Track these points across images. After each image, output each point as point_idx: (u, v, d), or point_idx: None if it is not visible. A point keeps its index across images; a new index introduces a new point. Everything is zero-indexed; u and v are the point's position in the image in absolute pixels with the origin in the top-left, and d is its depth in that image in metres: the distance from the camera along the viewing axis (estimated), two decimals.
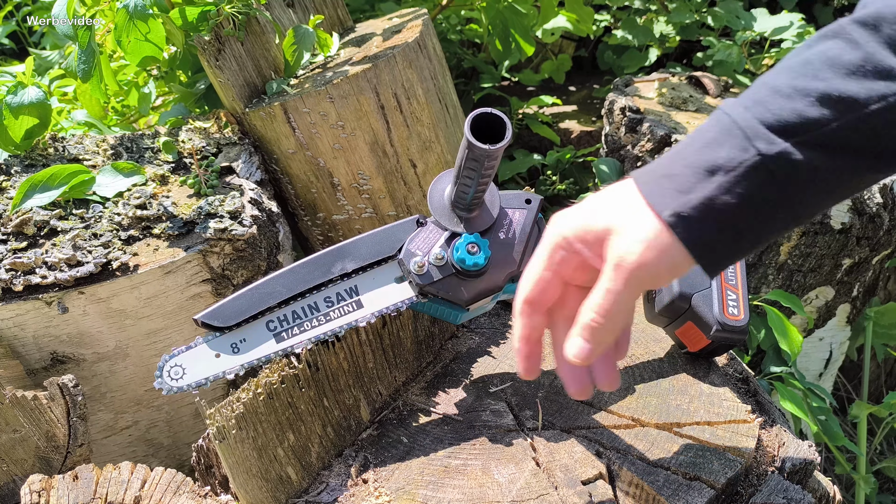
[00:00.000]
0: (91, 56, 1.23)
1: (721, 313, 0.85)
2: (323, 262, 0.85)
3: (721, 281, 0.87)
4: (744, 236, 0.62)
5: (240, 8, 1.33)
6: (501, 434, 0.86)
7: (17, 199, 1.13)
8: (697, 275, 0.82)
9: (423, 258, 0.84)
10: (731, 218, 0.61)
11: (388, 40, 1.43)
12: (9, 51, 2.85)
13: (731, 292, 0.87)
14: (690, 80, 1.77)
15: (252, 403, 0.76)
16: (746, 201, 0.60)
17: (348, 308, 0.85)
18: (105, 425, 1.16)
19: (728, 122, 0.62)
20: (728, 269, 0.86)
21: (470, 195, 0.83)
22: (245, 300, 0.82)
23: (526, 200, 0.89)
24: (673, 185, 0.62)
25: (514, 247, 0.87)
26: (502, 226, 0.88)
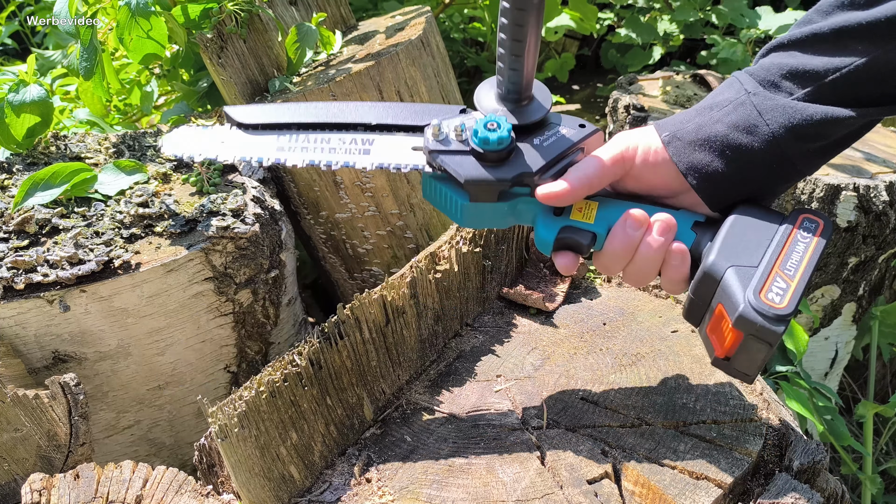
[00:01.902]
0: (93, 54, 1.23)
1: (756, 294, 0.70)
2: (359, 109, 0.83)
3: (774, 264, 0.73)
4: (730, 162, 0.75)
5: (242, 5, 1.33)
6: (506, 433, 0.85)
7: (19, 198, 1.13)
8: (744, 249, 0.73)
9: (444, 126, 0.80)
10: (718, 144, 0.74)
11: (391, 38, 1.42)
12: (11, 51, 2.86)
13: (781, 279, 0.72)
14: (695, 79, 1.76)
15: (254, 402, 0.76)
16: (732, 128, 0.74)
17: (355, 151, 0.82)
18: (107, 424, 1.16)
19: (732, 79, 0.78)
20: (791, 256, 0.73)
21: (511, 66, 0.75)
22: (273, 111, 0.84)
23: (580, 125, 0.82)
24: (679, 118, 0.78)
25: (540, 154, 0.79)
26: (541, 133, 0.81)
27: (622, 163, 0.78)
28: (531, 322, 1.06)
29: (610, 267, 0.79)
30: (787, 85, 0.74)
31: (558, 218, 0.80)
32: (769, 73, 0.75)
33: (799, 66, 0.73)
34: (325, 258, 1.52)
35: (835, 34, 0.72)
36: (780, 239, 0.74)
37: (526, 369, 0.96)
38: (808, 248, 0.74)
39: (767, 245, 0.74)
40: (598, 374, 0.94)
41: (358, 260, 1.49)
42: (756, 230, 0.75)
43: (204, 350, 1.17)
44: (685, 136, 0.76)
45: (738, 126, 0.74)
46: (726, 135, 0.74)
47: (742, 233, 0.75)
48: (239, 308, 1.18)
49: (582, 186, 0.77)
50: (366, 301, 0.87)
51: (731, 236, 0.75)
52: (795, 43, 0.75)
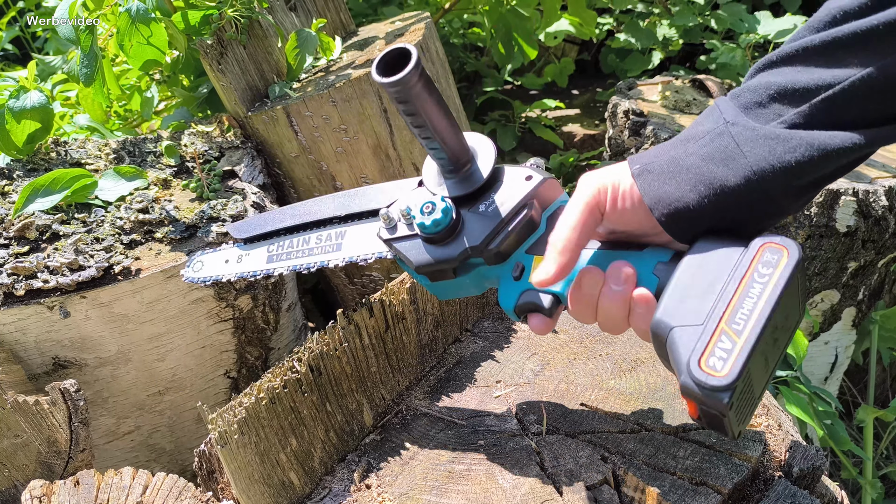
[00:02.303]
0: (93, 60, 1.23)
1: (696, 362, 0.61)
2: (329, 204, 0.87)
3: (719, 321, 0.63)
4: (702, 197, 0.67)
5: (242, 12, 1.33)
6: (506, 439, 0.85)
7: (20, 204, 1.13)
8: (691, 300, 0.65)
9: (395, 211, 0.80)
10: (691, 175, 0.67)
11: (391, 44, 1.43)
12: (12, 56, 2.86)
13: (726, 338, 0.62)
14: (694, 83, 1.76)
15: (254, 408, 0.76)
16: (707, 161, 0.67)
17: (328, 249, 0.86)
18: (107, 430, 1.16)
19: (713, 107, 0.71)
20: (742, 305, 0.62)
21: (428, 147, 0.74)
22: (261, 222, 0.92)
23: (526, 177, 0.77)
24: (653, 151, 0.72)
25: (485, 223, 0.76)
26: (486, 197, 0.77)
27: (596, 211, 0.72)
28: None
29: (582, 319, 0.74)
30: (776, 107, 0.67)
31: (517, 283, 0.76)
32: (755, 95, 0.68)
33: (788, 85, 0.66)
34: None
35: (827, 46, 0.65)
36: (734, 282, 0.64)
37: (525, 375, 0.96)
38: (764, 291, 0.63)
39: (719, 292, 0.64)
40: (597, 379, 0.94)
41: (357, 265, 1.49)
42: (708, 272, 0.66)
43: (204, 356, 1.17)
44: (656, 168, 0.69)
45: (712, 158, 0.67)
46: (699, 167, 0.67)
47: (692, 279, 0.66)
48: (239, 314, 1.18)
49: (566, 261, 0.71)
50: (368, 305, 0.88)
51: (679, 286, 0.66)
52: (785, 59, 0.68)
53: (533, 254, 0.76)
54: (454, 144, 0.75)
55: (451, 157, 0.76)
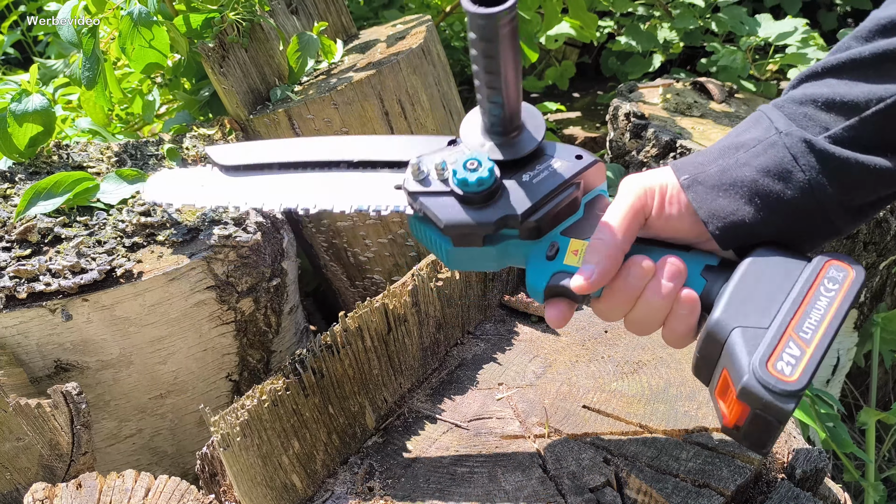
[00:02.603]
0: (95, 63, 1.23)
1: (762, 363, 0.61)
2: (341, 144, 0.78)
3: (788, 325, 0.63)
4: (756, 210, 0.66)
5: (244, 15, 1.33)
6: (508, 441, 0.85)
7: (22, 207, 1.13)
8: (755, 304, 0.64)
9: (427, 164, 0.73)
10: (744, 189, 0.66)
11: (392, 47, 1.43)
12: (14, 60, 2.87)
13: (794, 345, 0.61)
14: (695, 86, 1.76)
15: (256, 411, 0.76)
16: (761, 173, 0.65)
17: (335, 192, 0.77)
18: (109, 433, 1.16)
19: (759, 115, 0.69)
20: (809, 315, 0.62)
21: (490, 99, 0.68)
22: (254, 150, 0.80)
23: (577, 156, 0.72)
24: (699, 158, 0.70)
25: (528, 193, 0.70)
26: (532, 167, 0.72)
27: (641, 216, 0.70)
28: (533, 330, 1.06)
29: (609, 315, 0.71)
30: (822, 118, 0.65)
31: (550, 262, 0.72)
32: (801, 107, 0.66)
33: (835, 97, 0.64)
34: (327, 266, 1.53)
35: (877, 58, 0.63)
36: (800, 292, 0.64)
37: (528, 377, 0.96)
38: (831, 305, 0.62)
39: (783, 300, 0.64)
40: (599, 381, 0.94)
41: (359, 268, 1.49)
42: (772, 279, 0.65)
43: (206, 359, 1.17)
44: (707, 179, 0.67)
45: (768, 171, 0.65)
46: (755, 180, 0.65)
47: (755, 283, 0.65)
48: (241, 316, 1.18)
49: (609, 268, 0.68)
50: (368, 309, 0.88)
51: (742, 288, 0.65)
52: (831, 70, 0.66)
53: (569, 236, 0.72)
54: (514, 103, 0.69)
55: (507, 115, 0.70)
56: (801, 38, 1.83)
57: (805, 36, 1.83)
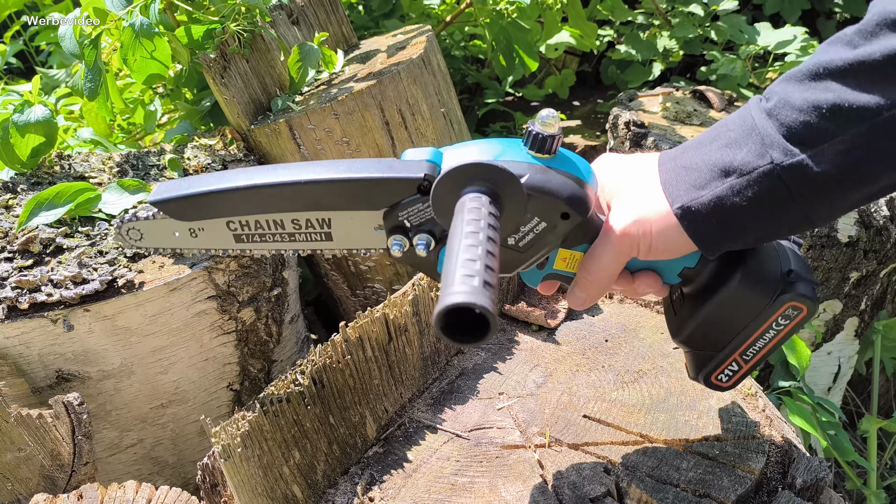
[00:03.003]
0: (97, 75, 1.24)
1: (707, 375, 0.78)
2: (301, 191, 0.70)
3: (735, 353, 0.77)
4: (748, 233, 0.68)
5: (245, 26, 1.34)
6: (508, 451, 0.85)
7: (24, 217, 1.13)
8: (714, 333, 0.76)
9: (406, 240, 0.70)
10: (738, 217, 0.66)
11: (393, 57, 1.44)
12: (16, 70, 2.88)
13: (736, 364, 0.77)
14: (694, 94, 1.77)
15: (257, 421, 0.76)
16: (755, 204, 0.64)
17: (316, 237, 0.74)
18: (110, 443, 1.16)
19: (751, 124, 0.65)
20: (755, 344, 0.75)
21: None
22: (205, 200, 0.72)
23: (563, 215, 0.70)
24: (690, 178, 0.67)
25: (517, 257, 0.72)
26: (517, 230, 0.71)
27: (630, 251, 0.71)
28: (533, 339, 1.06)
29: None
30: (828, 127, 0.60)
31: (541, 270, 0.76)
32: (801, 115, 0.61)
33: (843, 103, 0.59)
34: (328, 275, 1.53)
35: (890, 60, 0.57)
36: (752, 328, 0.74)
37: (528, 387, 0.96)
38: (775, 337, 0.74)
39: (737, 332, 0.74)
40: (600, 391, 0.94)
41: (360, 277, 1.49)
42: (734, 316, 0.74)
43: (207, 368, 1.18)
44: (701, 208, 0.66)
45: (761, 204, 0.64)
46: (750, 215, 0.65)
47: (720, 318, 0.74)
48: (242, 326, 1.18)
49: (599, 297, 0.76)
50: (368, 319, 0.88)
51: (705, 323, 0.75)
52: (834, 73, 0.60)
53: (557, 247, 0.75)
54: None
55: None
56: (801, 46, 1.84)
57: (804, 44, 1.84)
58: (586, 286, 0.74)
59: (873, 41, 0.58)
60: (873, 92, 0.58)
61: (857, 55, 0.59)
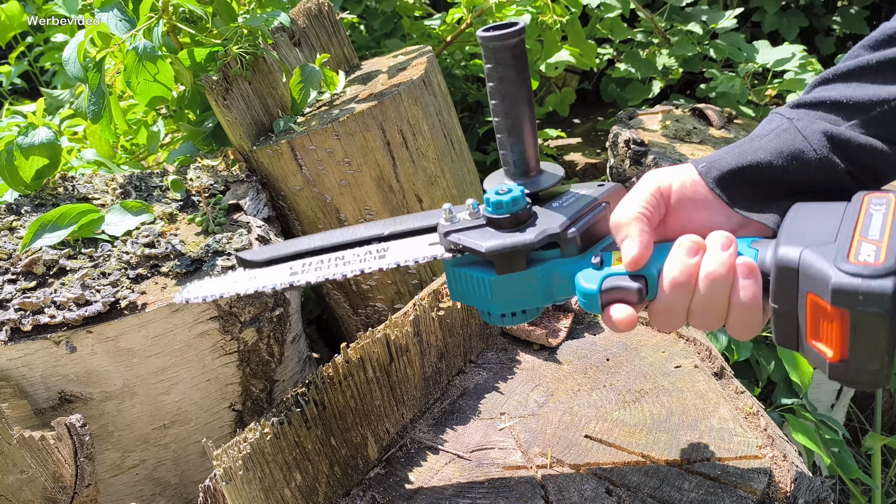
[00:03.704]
0: (101, 98, 1.25)
1: (843, 259, 0.58)
2: (370, 226, 0.82)
3: (854, 233, 0.61)
4: (774, 187, 0.70)
5: (247, 48, 1.36)
6: (510, 472, 0.85)
7: (27, 239, 1.14)
8: (814, 231, 0.63)
9: (455, 209, 0.76)
10: (760, 170, 0.70)
11: (394, 78, 1.45)
12: (21, 90, 2.91)
13: (867, 245, 0.59)
14: (694, 112, 1.78)
15: (259, 444, 0.76)
16: (775, 156, 0.69)
17: (370, 258, 0.79)
18: (112, 464, 1.16)
19: (772, 114, 0.75)
20: (870, 224, 0.61)
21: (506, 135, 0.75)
22: (281, 247, 0.85)
23: (599, 184, 0.79)
24: (718, 151, 0.74)
25: (562, 213, 0.74)
26: (558, 198, 0.77)
27: (658, 195, 0.71)
28: (535, 358, 1.07)
29: (671, 311, 0.68)
30: (830, 118, 0.70)
31: (599, 270, 0.70)
32: (811, 108, 0.72)
33: (842, 99, 0.70)
34: (330, 294, 1.53)
35: (884, 65, 0.69)
36: (852, 213, 0.64)
37: (530, 406, 0.96)
38: (888, 213, 0.62)
39: (839, 222, 0.63)
40: (601, 411, 0.94)
41: (362, 296, 1.50)
42: (821, 214, 0.65)
43: (209, 389, 1.18)
44: (724, 165, 0.71)
45: (781, 152, 0.69)
46: (770, 161, 0.69)
47: (806, 218, 0.65)
48: (244, 346, 1.19)
49: (645, 228, 0.69)
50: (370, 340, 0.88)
51: (795, 224, 0.65)
52: (840, 76, 0.72)
53: (611, 251, 0.72)
54: (532, 141, 0.77)
55: (527, 151, 0.77)
56: (799, 63, 1.85)
57: (802, 62, 1.85)
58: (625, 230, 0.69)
59: (873, 53, 0.70)
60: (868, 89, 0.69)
61: (858, 62, 0.71)
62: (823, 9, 2.47)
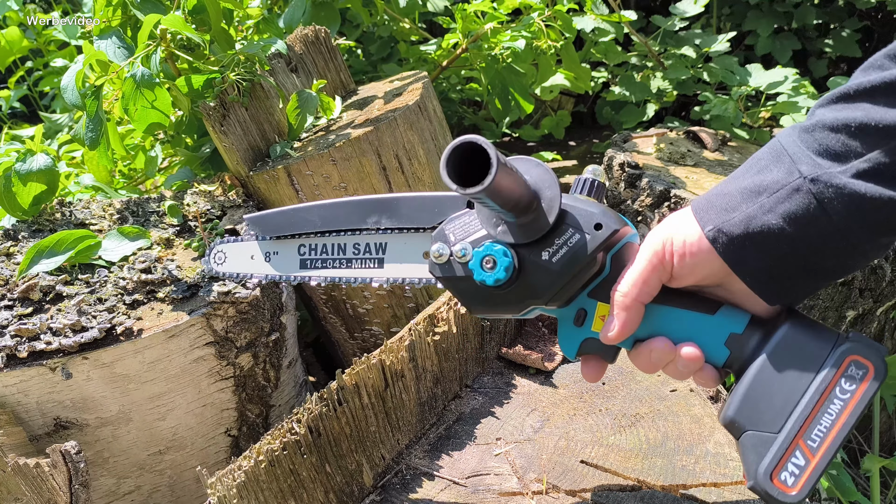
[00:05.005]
0: (98, 124, 1.26)
1: (766, 473, 0.64)
2: (363, 208, 0.83)
3: (798, 433, 0.64)
4: (787, 260, 0.65)
5: (244, 75, 1.37)
6: (506, 498, 0.85)
7: (24, 265, 1.15)
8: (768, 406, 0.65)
9: (447, 248, 0.74)
10: (773, 240, 0.64)
11: (390, 103, 1.46)
12: (20, 114, 2.92)
13: (800, 454, 0.64)
14: (688, 135, 1.79)
15: (253, 472, 0.76)
16: (788, 222, 0.63)
17: (370, 263, 0.83)
18: (107, 490, 1.15)
19: (779, 149, 0.66)
20: (820, 420, 0.64)
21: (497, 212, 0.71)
22: (286, 219, 0.86)
23: (596, 226, 0.71)
24: (720, 202, 0.67)
25: (551, 275, 0.71)
26: (552, 243, 0.71)
27: (660, 266, 0.69)
28: (531, 382, 1.07)
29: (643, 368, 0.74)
30: (856, 146, 0.61)
31: (579, 329, 0.74)
32: (833, 134, 0.63)
33: (870, 121, 0.61)
34: (326, 318, 1.53)
35: None
36: (814, 395, 0.64)
37: (526, 432, 0.96)
38: (844, 408, 0.64)
39: (797, 401, 0.65)
40: (597, 435, 0.94)
41: (358, 320, 1.50)
42: (788, 377, 0.66)
43: (205, 414, 1.18)
44: (732, 229, 0.65)
45: (794, 220, 0.63)
46: (782, 229, 0.63)
47: (771, 381, 0.66)
48: (240, 372, 1.19)
49: (628, 318, 0.70)
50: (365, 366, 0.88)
51: (756, 387, 0.66)
52: (864, 93, 0.62)
53: (596, 299, 0.74)
54: (521, 202, 0.69)
55: (517, 213, 0.71)
56: (792, 86, 1.86)
57: (795, 84, 1.87)
58: (616, 308, 0.70)
59: None
60: None
61: (884, 77, 0.61)
62: (816, 32, 2.50)
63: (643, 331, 0.72)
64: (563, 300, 0.73)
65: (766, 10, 2.40)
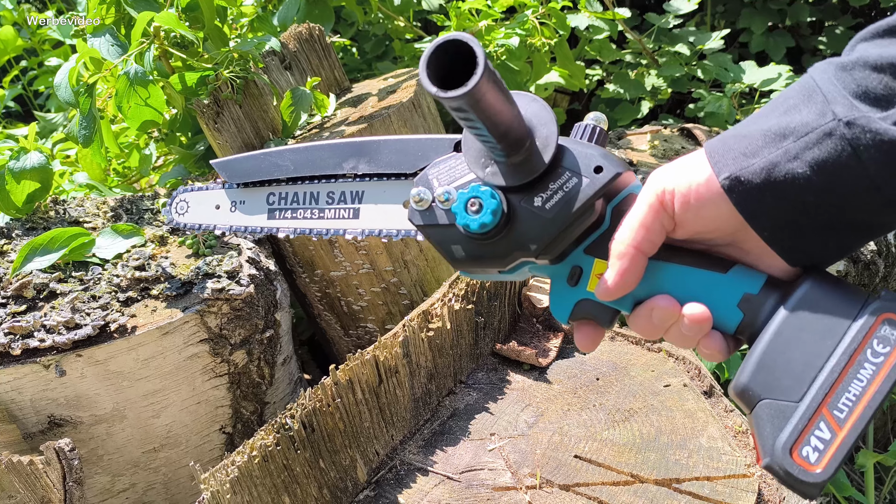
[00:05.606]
0: (92, 122, 1.26)
1: (786, 448, 0.54)
2: (340, 152, 0.74)
3: (820, 404, 0.55)
4: (811, 214, 0.57)
5: (238, 72, 1.37)
6: (500, 493, 0.85)
7: (18, 263, 1.14)
8: (788, 371, 0.56)
9: (429, 193, 0.66)
10: (797, 191, 0.56)
11: (384, 100, 1.46)
12: (15, 113, 2.92)
13: (825, 426, 0.54)
14: (682, 132, 1.80)
15: (247, 467, 0.76)
16: (815, 171, 0.55)
17: (344, 213, 0.75)
18: (102, 488, 1.15)
19: (812, 86, 0.58)
20: (849, 386, 0.54)
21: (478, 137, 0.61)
22: (255, 163, 0.78)
23: (596, 168, 0.61)
24: (740, 146, 0.58)
25: (544, 224, 0.62)
26: (544, 187, 0.62)
27: (661, 211, 0.60)
28: (525, 378, 1.07)
29: (642, 334, 0.64)
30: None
31: (573, 289, 0.65)
32: (875, 73, 0.55)
33: None
34: (321, 315, 1.53)
35: None
36: (842, 357, 0.55)
37: (520, 427, 0.96)
38: (877, 373, 0.54)
39: (821, 365, 0.55)
40: (591, 430, 0.94)
41: (353, 317, 1.50)
42: (810, 339, 0.56)
43: (199, 411, 1.18)
44: (752, 177, 0.57)
45: (823, 168, 0.54)
46: (809, 179, 0.55)
47: (790, 343, 0.56)
48: (234, 369, 1.18)
49: (626, 267, 0.61)
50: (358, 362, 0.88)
51: (774, 349, 0.57)
52: None
53: (593, 255, 0.65)
54: (512, 133, 0.60)
55: (506, 146, 0.61)
56: (786, 83, 1.87)
57: (789, 81, 1.87)
58: (614, 257, 0.61)
59: None
60: None
61: None
62: (809, 29, 2.51)
63: (644, 290, 0.62)
64: (555, 254, 0.64)
65: (759, 8, 2.41)
